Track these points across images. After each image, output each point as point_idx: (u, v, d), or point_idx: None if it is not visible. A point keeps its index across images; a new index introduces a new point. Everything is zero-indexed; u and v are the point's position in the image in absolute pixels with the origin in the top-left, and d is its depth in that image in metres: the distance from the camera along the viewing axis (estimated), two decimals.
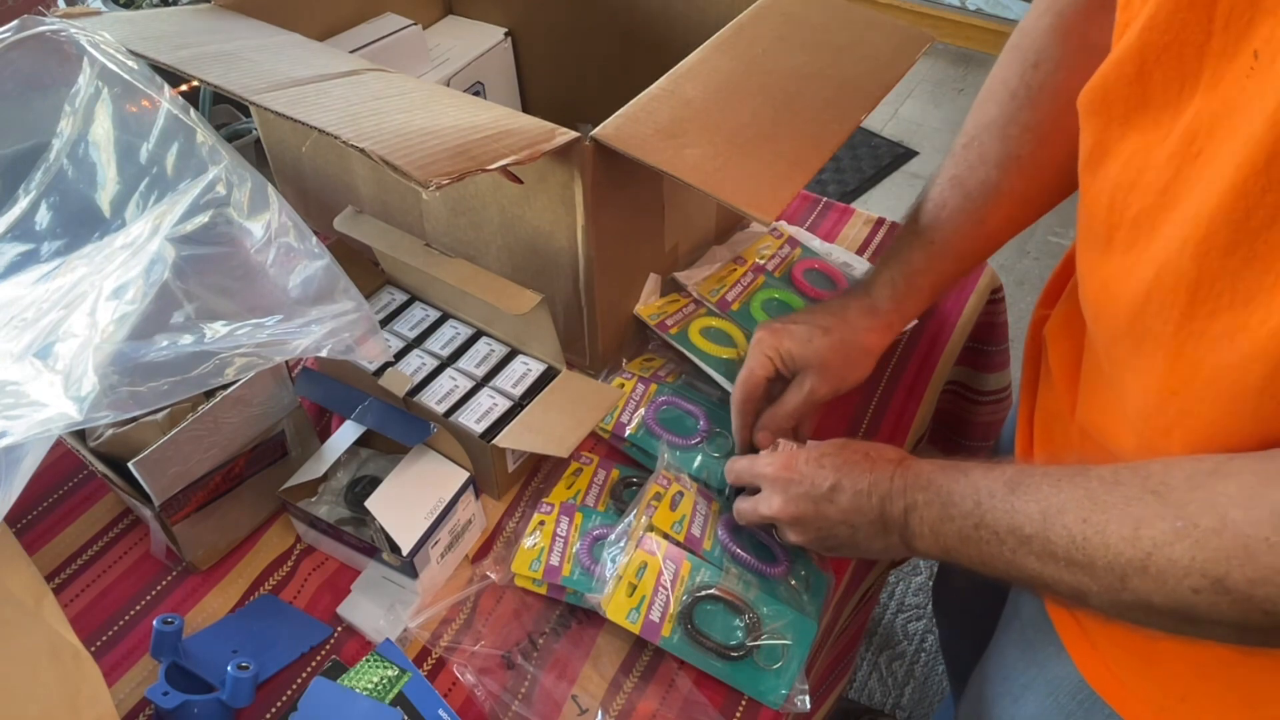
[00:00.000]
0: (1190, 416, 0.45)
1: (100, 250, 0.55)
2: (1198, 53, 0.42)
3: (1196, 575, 0.40)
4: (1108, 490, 0.45)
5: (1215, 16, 0.40)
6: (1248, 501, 0.39)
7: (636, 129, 0.64)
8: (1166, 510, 0.42)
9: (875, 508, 0.57)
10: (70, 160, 0.61)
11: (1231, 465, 0.42)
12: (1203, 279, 0.42)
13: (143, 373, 0.49)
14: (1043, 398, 0.68)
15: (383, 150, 0.55)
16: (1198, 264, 0.42)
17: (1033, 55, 0.63)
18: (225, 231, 0.54)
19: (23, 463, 0.46)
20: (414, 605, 0.65)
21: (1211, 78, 0.41)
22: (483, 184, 0.75)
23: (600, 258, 0.72)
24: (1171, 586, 0.41)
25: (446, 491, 0.65)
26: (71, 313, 0.51)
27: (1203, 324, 0.43)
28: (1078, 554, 0.45)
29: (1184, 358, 0.44)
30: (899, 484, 0.56)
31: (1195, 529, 0.41)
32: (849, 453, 0.60)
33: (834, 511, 0.59)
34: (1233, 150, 0.39)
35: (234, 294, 0.54)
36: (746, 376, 0.69)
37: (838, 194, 2.40)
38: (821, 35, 0.77)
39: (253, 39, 0.76)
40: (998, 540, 0.49)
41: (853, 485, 0.58)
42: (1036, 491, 0.48)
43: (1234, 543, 0.39)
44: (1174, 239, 0.43)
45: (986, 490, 0.50)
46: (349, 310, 0.56)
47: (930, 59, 2.72)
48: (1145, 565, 0.42)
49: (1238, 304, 0.41)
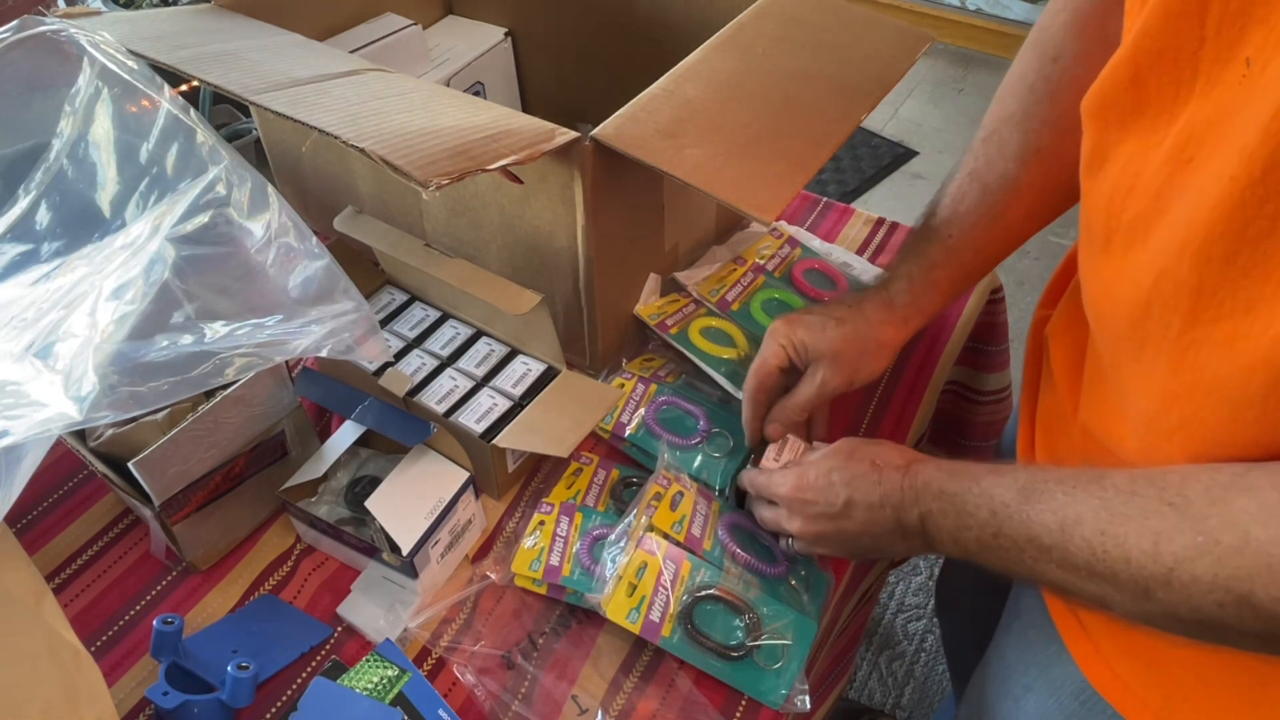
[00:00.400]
0: (1193, 421, 0.45)
1: (100, 250, 0.55)
2: (1191, 59, 0.42)
3: (1221, 591, 0.40)
4: (1124, 501, 0.45)
5: (1207, 23, 0.40)
6: (1268, 519, 0.39)
7: (636, 129, 0.64)
8: (1185, 525, 0.42)
9: (890, 518, 0.57)
10: (70, 160, 0.60)
11: (1249, 479, 0.41)
12: (1204, 287, 0.42)
13: (143, 373, 0.48)
14: (1044, 398, 0.68)
15: (383, 150, 0.55)
16: (1198, 272, 0.42)
17: (1051, 50, 0.63)
18: (225, 231, 0.54)
19: (23, 463, 0.46)
20: (414, 605, 0.65)
21: (1205, 84, 0.41)
22: (483, 184, 0.75)
23: (600, 258, 0.72)
24: (1197, 601, 0.41)
25: (446, 491, 0.65)
26: (71, 313, 0.51)
27: (1205, 330, 0.43)
28: (1099, 566, 0.45)
29: (1186, 363, 0.44)
30: (910, 494, 0.56)
31: (1217, 546, 0.41)
32: (856, 463, 0.60)
33: (852, 525, 0.59)
34: (1226, 158, 0.39)
35: (234, 294, 0.54)
36: (759, 365, 0.69)
37: (838, 194, 2.40)
38: (821, 35, 0.77)
39: (253, 39, 0.76)
40: (1017, 549, 0.49)
41: (865, 499, 0.58)
42: (1051, 500, 0.48)
43: (1257, 561, 0.39)
44: (1169, 244, 0.43)
45: (1001, 500, 0.50)
46: (349, 310, 0.56)
47: (930, 59, 2.72)
48: (1169, 580, 0.42)
49: (1239, 312, 0.41)
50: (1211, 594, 0.41)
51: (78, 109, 0.60)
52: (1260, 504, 0.40)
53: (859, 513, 0.59)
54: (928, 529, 0.55)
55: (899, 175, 2.48)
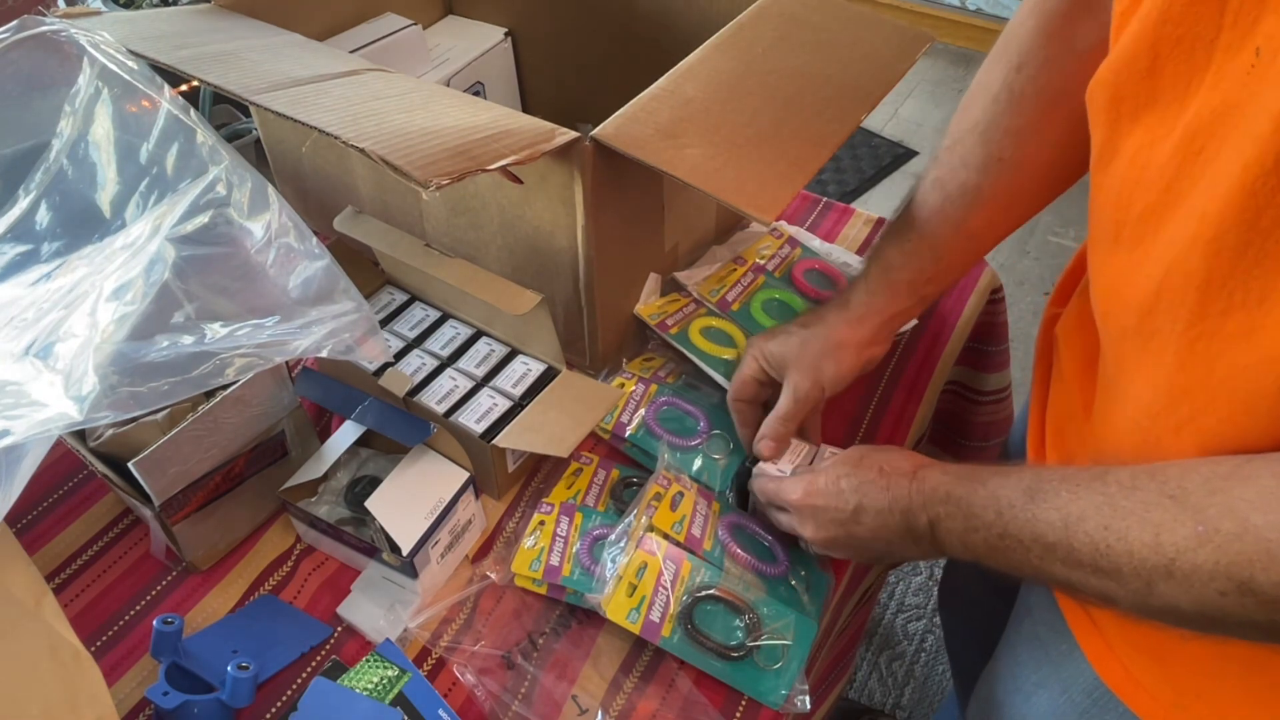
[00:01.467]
0: (1203, 415, 0.45)
1: (100, 250, 0.55)
2: (1207, 47, 0.41)
3: (1222, 579, 0.41)
4: (1126, 495, 0.45)
5: (1226, 10, 0.40)
6: (1266, 506, 0.40)
7: (636, 129, 0.64)
8: (1185, 515, 0.42)
9: (899, 523, 0.57)
10: (70, 160, 0.61)
11: (1249, 468, 0.42)
12: (1213, 278, 0.42)
13: (143, 373, 0.49)
14: (1055, 397, 0.68)
15: (383, 150, 0.55)
16: (1208, 263, 0.42)
17: (1016, 58, 0.63)
18: (225, 232, 0.54)
19: (23, 462, 0.46)
20: (414, 605, 0.65)
21: (1216, 74, 0.41)
22: (483, 184, 0.75)
23: (600, 258, 0.72)
24: (1198, 591, 0.42)
25: (447, 491, 0.65)
26: (72, 313, 0.51)
27: (1215, 323, 0.43)
28: (1102, 561, 0.45)
29: (1196, 356, 0.44)
30: (918, 499, 0.56)
31: (1217, 534, 0.41)
32: (864, 470, 0.60)
33: (863, 531, 0.60)
34: (1238, 149, 0.39)
35: (234, 294, 0.54)
36: (736, 377, 0.72)
37: (838, 194, 2.40)
38: (821, 35, 0.77)
39: (253, 39, 0.76)
40: (1023, 549, 0.49)
41: (873, 506, 0.59)
42: (1055, 499, 0.48)
43: (1256, 547, 0.39)
44: (1180, 237, 0.43)
45: (1006, 501, 0.50)
46: (349, 310, 0.56)
47: (930, 59, 2.72)
48: (1170, 570, 0.42)
49: (1251, 303, 0.41)
50: (1213, 583, 0.41)
51: (78, 109, 0.60)
52: (1259, 491, 0.40)
53: (868, 518, 0.59)
54: (937, 533, 0.55)
55: (899, 175, 2.49)
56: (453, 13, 1.08)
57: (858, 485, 0.60)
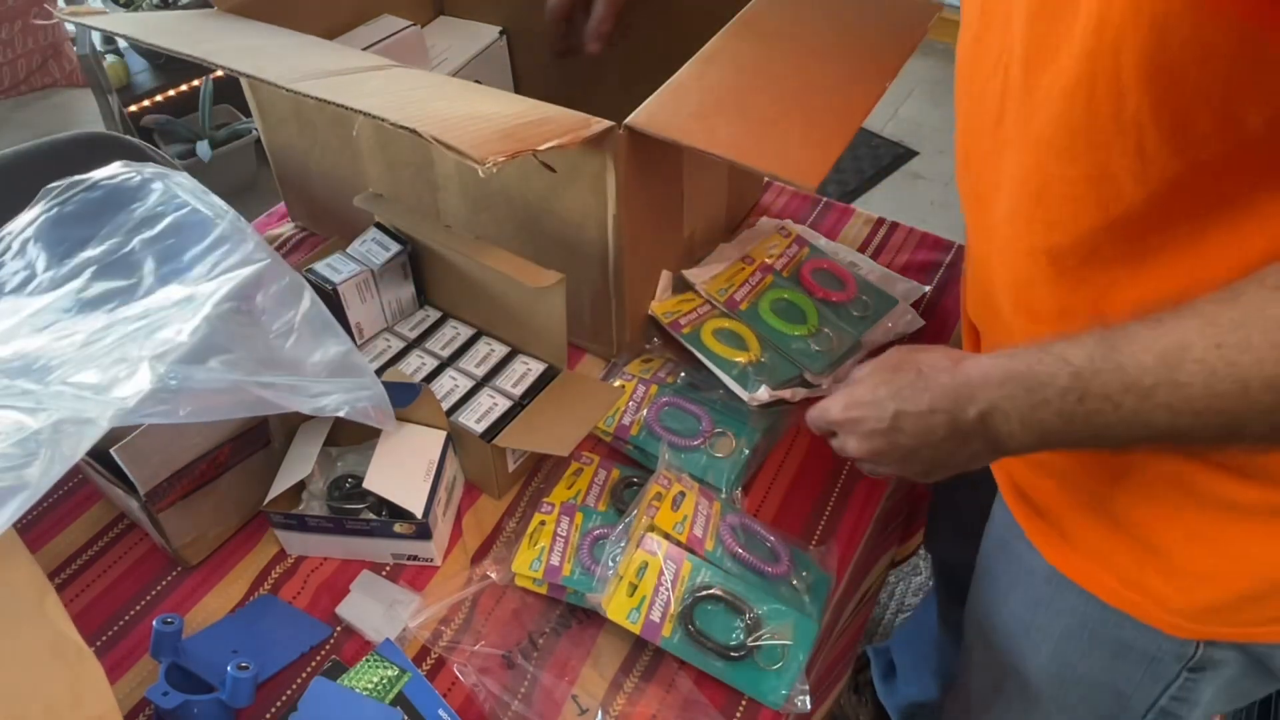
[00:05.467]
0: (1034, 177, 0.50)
1: (137, 306, 0.59)
2: None
3: None
4: (1229, 307, 0.41)
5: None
6: None
7: (668, 115, 0.65)
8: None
9: (944, 423, 0.54)
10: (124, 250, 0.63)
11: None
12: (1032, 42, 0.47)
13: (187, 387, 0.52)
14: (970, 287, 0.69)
15: (435, 132, 0.55)
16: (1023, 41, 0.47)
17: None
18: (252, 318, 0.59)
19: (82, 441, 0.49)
20: (414, 605, 0.65)
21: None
22: (507, 178, 0.75)
23: (630, 246, 0.73)
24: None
25: (433, 453, 0.67)
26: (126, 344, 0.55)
27: (1034, 80, 0.47)
28: (1221, 385, 0.41)
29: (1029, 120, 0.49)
30: (965, 392, 0.52)
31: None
32: (903, 374, 0.57)
33: (905, 439, 0.57)
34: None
35: (265, 363, 0.58)
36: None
37: (838, 194, 2.40)
38: (831, 14, 0.79)
39: (268, 38, 0.77)
40: (1112, 405, 0.45)
41: (913, 408, 0.55)
42: (1139, 340, 0.44)
43: None
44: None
45: (1081, 358, 0.46)
46: (367, 385, 0.63)
47: (930, 59, 2.72)
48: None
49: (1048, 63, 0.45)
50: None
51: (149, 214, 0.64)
52: None
53: (909, 423, 0.56)
54: (990, 425, 0.51)
55: (899, 175, 2.49)
56: (444, 13, 1.09)
57: (896, 391, 0.56)
